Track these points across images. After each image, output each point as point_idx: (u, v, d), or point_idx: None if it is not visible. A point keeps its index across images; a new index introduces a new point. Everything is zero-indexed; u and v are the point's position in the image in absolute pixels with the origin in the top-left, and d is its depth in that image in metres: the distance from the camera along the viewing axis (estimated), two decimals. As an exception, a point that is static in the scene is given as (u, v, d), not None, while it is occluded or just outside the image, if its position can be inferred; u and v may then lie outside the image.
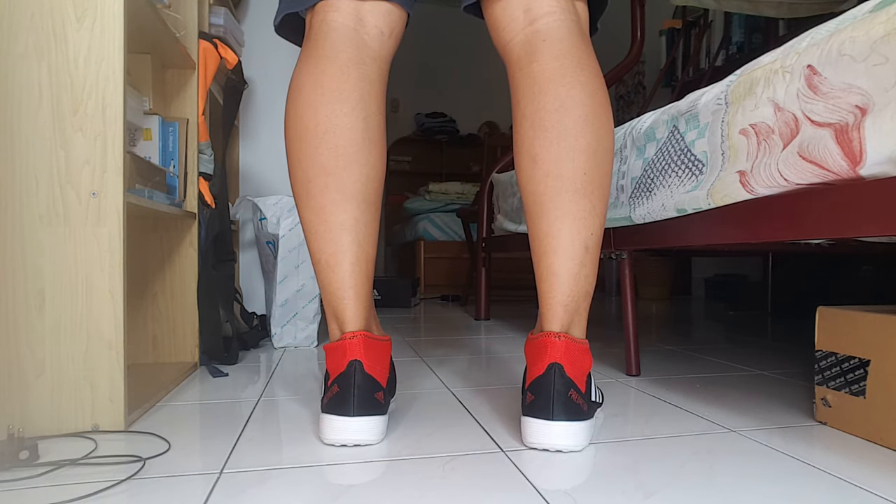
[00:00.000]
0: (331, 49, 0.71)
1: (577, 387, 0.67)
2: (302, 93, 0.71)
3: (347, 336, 0.69)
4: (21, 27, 0.72)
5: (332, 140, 0.70)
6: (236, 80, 1.27)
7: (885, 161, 0.58)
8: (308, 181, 0.70)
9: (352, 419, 0.67)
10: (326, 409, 0.69)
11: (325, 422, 0.68)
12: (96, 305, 0.74)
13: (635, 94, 3.72)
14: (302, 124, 0.70)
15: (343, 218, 0.70)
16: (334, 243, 0.70)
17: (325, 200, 0.70)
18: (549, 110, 0.69)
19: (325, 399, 0.69)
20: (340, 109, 0.70)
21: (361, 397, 0.67)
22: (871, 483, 0.58)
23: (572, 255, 0.69)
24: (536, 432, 0.66)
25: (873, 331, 0.70)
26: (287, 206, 1.37)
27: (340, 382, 0.67)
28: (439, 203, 3.26)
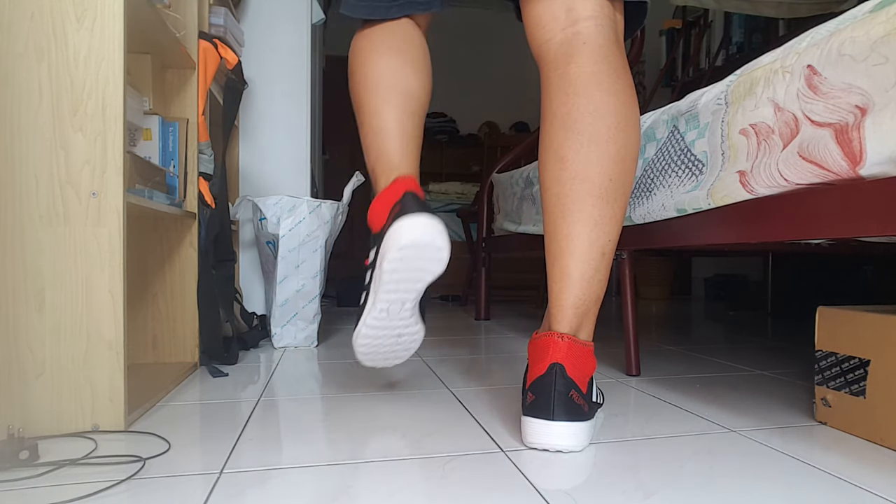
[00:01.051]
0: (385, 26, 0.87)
1: (579, 387, 0.67)
2: (375, 28, 0.87)
3: (399, 177, 0.78)
4: (21, 27, 0.72)
5: (403, 53, 0.85)
6: (236, 80, 1.27)
7: (885, 161, 0.58)
8: (379, 77, 0.83)
9: (420, 215, 0.74)
10: (389, 224, 0.74)
11: (391, 234, 0.73)
12: (96, 305, 0.74)
13: (635, 94, 3.72)
14: (375, 43, 0.85)
15: (406, 104, 0.83)
16: (398, 120, 0.82)
17: (394, 91, 0.83)
18: (584, 113, 0.69)
19: (388, 220, 0.75)
20: (412, 39, 0.87)
21: (425, 206, 0.76)
22: (871, 483, 0.58)
23: (589, 258, 0.69)
24: (537, 432, 0.66)
25: (873, 331, 0.70)
26: (287, 206, 1.37)
27: (401, 202, 0.75)
28: (439, 203, 3.26)
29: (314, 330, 1.42)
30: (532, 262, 3.11)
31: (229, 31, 1.38)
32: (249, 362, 1.23)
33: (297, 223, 1.37)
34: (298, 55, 1.71)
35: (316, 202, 1.39)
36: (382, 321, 0.79)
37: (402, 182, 0.77)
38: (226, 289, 1.26)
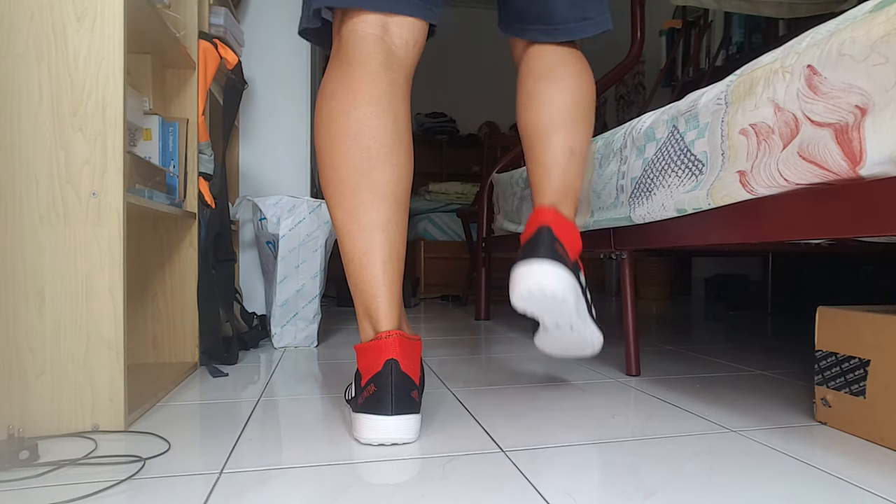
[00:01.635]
0: (361, 55, 0.74)
1: (563, 245, 0.79)
2: (335, 97, 0.74)
3: (383, 335, 0.70)
4: (21, 27, 0.72)
5: (364, 141, 0.72)
6: (236, 80, 1.27)
7: (885, 161, 0.58)
8: (340, 181, 0.73)
9: (390, 418, 0.68)
10: (363, 409, 0.69)
11: (362, 421, 0.69)
12: (96, 305, 0.74)
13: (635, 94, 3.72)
14: (335, 127, 0.73)
15: (375, 217, 0.72)
16: (367, 241, 0.72)
17: (357, 200, 0.72)
18: (551, 66, 0.90)
19: (359, 399, 0.70)
20: (371, 112, 0.73)
21: (399, 396, 0.68)
22: (871, 483, 0.58)
23: (560, 153, 0.86)
24: (526, 272, 0.77)
25: (873, 331, 0.70)
26: (287, 206, 1.37)
27: (377, 382, 0.68)
28: (439, 203, 3.26)
29: (314, 330, 1.42)
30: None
31: (229, 31, 1.38)
32: (249, 362, 1.23)
33: (297, 223, 1.37)
34: (298, 55, 1.71)
35: (316, 202, 1.39)
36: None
37: (383, 347, 0.69)
38: (226, 289, 1.26)
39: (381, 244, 0.72)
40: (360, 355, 0.72)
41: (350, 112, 0.72)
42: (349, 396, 0.79)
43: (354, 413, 0.71)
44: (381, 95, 0.73)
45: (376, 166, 0.72)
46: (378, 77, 0.74)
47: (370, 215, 0.72)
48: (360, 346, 0.72)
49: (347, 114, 0.73)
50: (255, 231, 1.49)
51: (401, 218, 0.75)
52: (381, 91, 0.74)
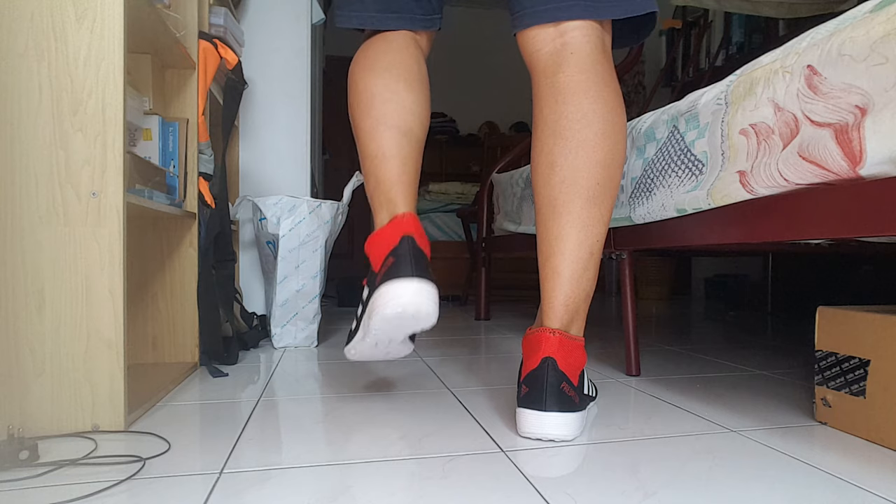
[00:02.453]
0: (402, 42, 0.86)
1: (570, 380, 0.71)
2: (373, 45, 0.85)
3: (398, 216, 0.75)
4: (21, 27, 0.72)
5: (397, 70, 0.82)
6: (236, 80, 1.27)
7: (885, 161, 0.58)
8: (373, 96, 0.81)
9: (412, 280, 0.70)
10: (385, 279, 0.71)
11: (383, 293, 0.71)
12: (96, 305, 0.74)
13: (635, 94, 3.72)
14: (370, 60, 0.83)
15: (401, 123, 0.80)
16: (393, 140, 0.79)
17: (388, 110, 0.80)
18: (572, 120, 0.74)
19: (378, 277, 0.73)
20: (405, 55, 0.84)
21: (417, 263, 0.71)
22: (871, 483, 0.58)
23: (577, 258, 0.73)
24: (530, 422, 0.70)
25: (873, 331, 0.70)
26: (287, 206, 1.37)
27: (395, 253, 0.72)
28: (439, 203, 3.26)
29: (314, 330, 1.42)
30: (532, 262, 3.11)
31: (229, 31, 1.38)
32: (249, 362, 1.23)
33: (297, 223, 1.37)
34: (298, 55, 1.71)
35: (316, 202, 1.39)
36: (371, 349, 0.82)
37: (400, 223, 0.74)
38: (226, 289, 1.26)
39: (406, 144, 0.80)
40: (374, 240, 0.75)
41: (387, 53, 0.83)
42: (359, 309, 0.80)
43: (373, 295, 0.72)
44: (412, 48, 0.85)
45: (406, 89, 0.81)
46: (410, 44, 0.85)
47: (397, 122, 0.79)
48: (376, 232, 0.76)
49: (385, 53, 0.83)
50: (255, 231, 1.49)
51: (419, 139, 0.82)
52: (412, 48, 0.85)
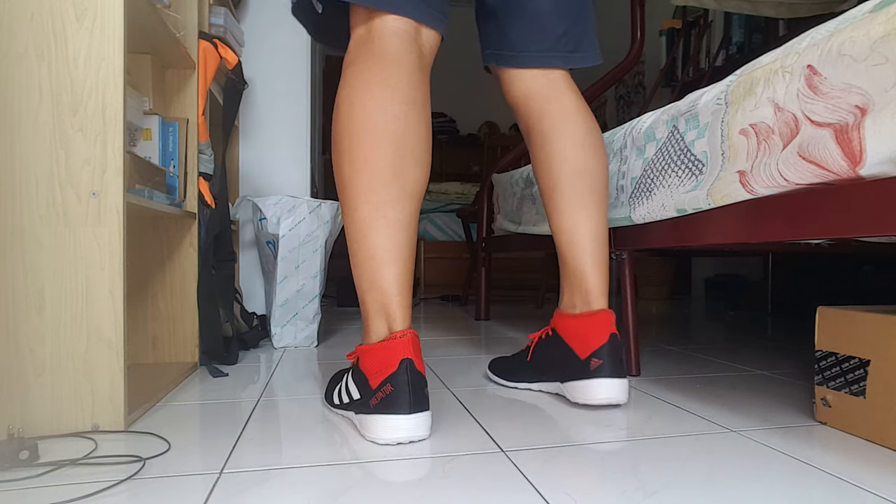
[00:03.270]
0: (398, 53, 0.74)
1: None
2: (369, 91, 0.72)
3: (398, 335, 0.70)
4: (21, 27, 0.72)
5: (402, 140, 0.73)
6: (236, 80, 1.27)
7: (885, 161, 0.58)
8: (371, 176, 0.72)
9: (409, 416, 0.68)
10: (378, 410, 0.69)
11: (378, 422, 0.69)
12: (96, 305, 0.74)
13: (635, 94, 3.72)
14: (370, 122, 0.72)
15: (402, 215, 0.73)
16: (393, 239, 0.72)
17: (387, 196, 0.72)
18: (586, 133, 0.91)
19: (372, 400, 0.70)
20: (409, 111, 0.73)
21: (416, 395, 0.68)
22: (871, 483, 0.58)
23: (606, 249, 0.91)
24: (607, 388, 0.82)
25: (873, 331, 0.70)
26: (287, 206, 1.37)
27: (393, 381, 0.68)
28: (439, 203, 3.26)
29: (314, 330, 1.42)
30: (532, 262, 3.11)
31: (229, 31, 1.38)
32: (249, 362, 1.23)
33: (297, 223, 1.37)
34: (298, 55, 1.71)
35: (316, 202, 1.39)
36: None
37: (399, 345, 0.69)
38: (226, 289, 1.26)
39: (406, 243, 0.73)
40: (370, 355, 0.71)
41: (388, 109, 0.72)
42: (343, 400, 0.78)
43: (366, 415, 0.71)
44: (416, 95, 0.74)
45: (411, 166, 0.73)
46: (414, 76, 0.74)
47: (398, 213, 0.72)
48: (370, 346, 0.71)
49: (385, 110, 0.72)
50: (255, 231, 1.49)
51: (417, 217, 0.76)
52: (416, 90, 0.74)
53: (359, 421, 0.73)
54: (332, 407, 0.83)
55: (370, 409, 0.70)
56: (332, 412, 0.83)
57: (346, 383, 0.77)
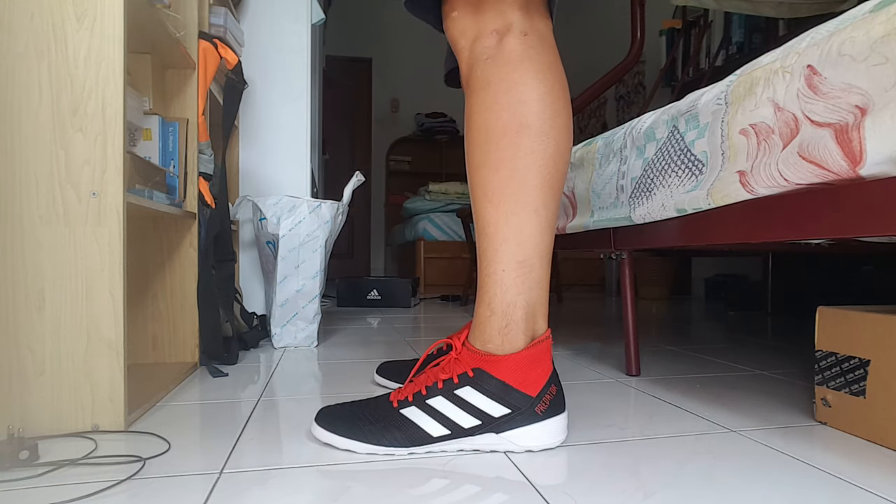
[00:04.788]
0: (552, 57, 0.71)
1: None
2: (543, 101, 0.68)
3: (545, 337, 0.69)
4: (21, 27, 0.72)
5: (564, 143, 0.70)
6: (236, 80, 1.27)
7: (885, 161, 0.58)
8: (546, 183, 0.69)
9: (566, 412, 0.71)
10: (548, 414, 0.68)
11: (550, 426, 0.68)
12: (96, 305, 0.74)
13: (635, 94, 3.72)
14: (544, 129, 0.68)
15: (553, 214, 0.71)
16: (550, 238, 0.71)
17: (550, 199, 0.70)
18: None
19: (540, 406, 0.67)
20: (567, 121, 0.71)
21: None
22: (871, 483, 0.58)
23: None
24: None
25: (873, 331, 0.70)
26: (287, 206, 1.37)
27: (556, 381, 0.70)
28: (439, 203, 3.26)
29: (314, 330, 1.42)
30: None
31: (229, 31, 1.38)
32: (249, 362, 1.23)
33: (297, 223, 1.37)
34: (298, 55, 1.71)
35: (316, 202, 1.39)
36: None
37: (548, 347, 0.70)
38: (226, 289, 1.26)
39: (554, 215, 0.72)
40: (519, 363, 0.66)
41: (556, 119, 0.69)
42: (465, 425, 0.67)
43: (533, 424, 0.67)
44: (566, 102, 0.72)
45: (564, 167, 0.71)
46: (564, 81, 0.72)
47: (553, 212, 0.71)
48: (527, 352, 0.67)
49: (554, 120, 0.69)
50: (255, 231, 1.49)
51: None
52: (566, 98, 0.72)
53: (518, 435, 0.67)
54: (420, 445, 0.67)
55: (537, 417, 0.67)
56: (425, 453, 0.68)
57: (463, 403, 0.67)
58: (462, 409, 0.66)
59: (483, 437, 0.67)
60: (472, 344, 0.69)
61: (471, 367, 0.67)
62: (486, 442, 0.68)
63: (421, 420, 0.67)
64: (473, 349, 0.68)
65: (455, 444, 0.68)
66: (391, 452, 0.66)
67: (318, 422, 0.70)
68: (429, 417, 0.67)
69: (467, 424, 0.66)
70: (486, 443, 0.68)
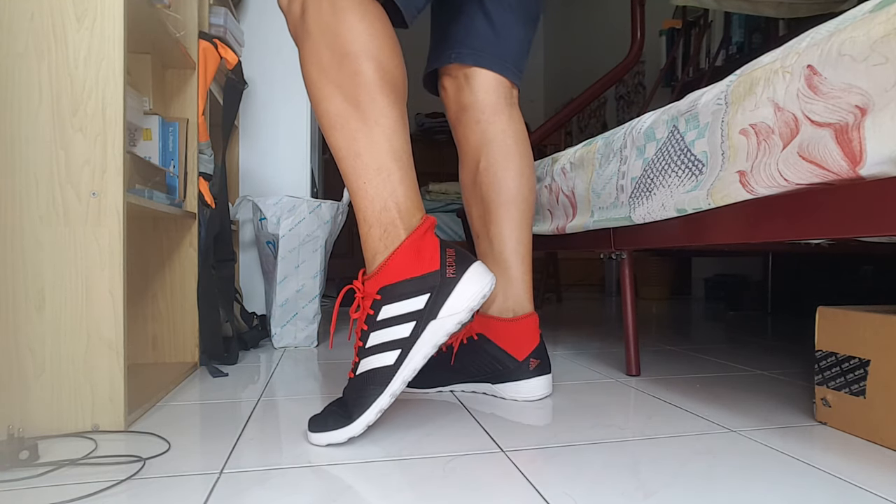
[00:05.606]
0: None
1: None
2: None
3: (420, 221, 0.73)
4: (21, 27, 0.72)
5: (389, 60, 0.77)
6: (236, 80, 1.27)
7: (885, 161, 0.58)
8: (389, 91, 0.75)
9: (479, 262, 0.78)
10: (464, 268, 0.72)
11: (472, 277, 0.72)
12: (96, 305, 0.74)
13: (635, 94, 3.72)
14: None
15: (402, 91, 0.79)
16: (405, 142, 0.78)
17: (398, 107, 0.76)
18: (526, 166, 1.02)
19: (451, 266, 0.72)
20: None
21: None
22: (871, 483, 0.58)
23: (531, 260, 1.04)
24: (545, 386, 0.92)
25: (873, 331, 0.70)
26: (287, 206, 1.37)
27: (449, 246, 0.74)
28: (439, 203, 3.26)
29: (314, 330, 1.42)
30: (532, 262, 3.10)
31: (229, 31, 1.38)
32: (249, 362, 1.23)
33: (297, 223, 1.37)
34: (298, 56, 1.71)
35: (316, 202, 1.39)
36: (412, 372, 0.73)
37: (429, 225, 0.74)
38: (226, 289, 1.26)
39: (403, 124, 0.78)
40: (411, 250, 0.71)
41: (373, 40, 0.75)
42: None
43: (455, 289, 0.71)
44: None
45: (394, 78, 0.77)
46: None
47: (395, 118, 0.77)
48: (409, 241, 0.71)
49: (372, 41, 0.75)
50: (255, 231, 1.49)
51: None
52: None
53: (449, 308, 0.71)
54: (391, 382, 0.69)
55: (453, 281, 0.71)
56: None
57: (391, 321, 0.70)
58: (394, 325, 0.70)
59: (428, 331, 0.70)
60: (368, 275, 0.73)
61: (375, 292, 0.71)
62: (434, 332, 0.70)
63: (375, 362, 0.70)
64: (369, 276, 0.72)
65: (417, 357, 0.69)
66: (381, 408, 0.69)
67: (312, 429, 0.70)
68: (377, 355, 0.70)
69: (408, 332, 0.70)
70: (434, 334, 0.70)
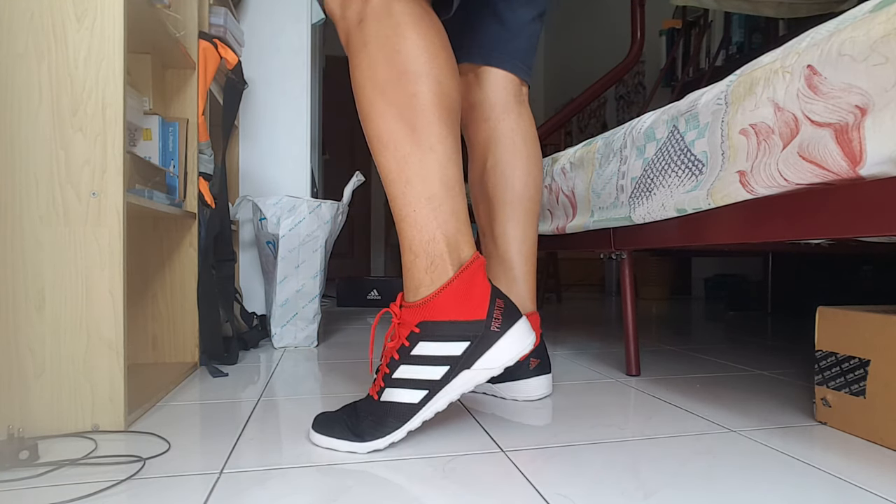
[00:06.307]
0: (417, 5, 0.78)
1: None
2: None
3: (472, 259, 0.70)
4: (21, 27, 0.72)
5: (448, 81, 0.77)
6: (236, 80, 1.27)
7: (885, 161, 0.58)
8: (446, 117, 0.73)
9: (524, 319, 0.75)
10: (511, 322, 0.69)
11: (512, 336, 0.68)
12: (96, 305, 0.74)
13: (635, 94, 3.72)
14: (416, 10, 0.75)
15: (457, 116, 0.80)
16: (457, 173, 0.78)
17: (453, 136, 0.75)
18: (533, 165, 1.01)
19: (498, 318, 0.68)
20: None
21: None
22: (871, 483, 0.58)
23: (535, 260, 0.99)
24: (544, 385, 0.91)
25: (873, 331, 0.70)
26: (287, 206, 1.37)
27: (499, 295, 0.71)
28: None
29: (314, 330, 1.42)
30: (532, 262, 3.10)
31: (229, 31, 1.38)
32: (249, 362, 1.23)
33: (297, 223, 1.37)
34: (298, 55, 1.71)
35: (316, 202, 1.39)
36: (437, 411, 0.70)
37: (482, 266, 0.70)
38: (226, 289, 1.26)
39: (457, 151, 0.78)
40: (461, 290, 0.68)
41: (434, 60, 0.74)
42: (432, 376, 0.68)
43: (494, 345, 0.67)
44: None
45: (451, 102, 0.75)
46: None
47: (450, 146, 0.77)
48: (459, 279, 0.69)
49: (432, 61, 0.75)
50: (255, 231, 1.49)
51: None
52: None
53: (489, 359, 0.67)
54: (411, 419, 0.67)
55: (497, 335, 0.67)
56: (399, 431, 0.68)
57: (424, 359, 0.67)
58: (426, 365, 0.67)
59: (460, 379, 0.67)
60: (407, 302, 0.69)
61: (414, 324, 0.67)
62: (465, 381, 0.67)
63: (399, 396, 0.67)
64: (410, 305, 0.68)
65: (441, 401, 0.67)
66: (393, 441, 0.67)
67: (316, 428, 0.70)
68: (404, 390, 0.67)
69: (439, 375, 0.66)
70: (464, 383, 0.67)
